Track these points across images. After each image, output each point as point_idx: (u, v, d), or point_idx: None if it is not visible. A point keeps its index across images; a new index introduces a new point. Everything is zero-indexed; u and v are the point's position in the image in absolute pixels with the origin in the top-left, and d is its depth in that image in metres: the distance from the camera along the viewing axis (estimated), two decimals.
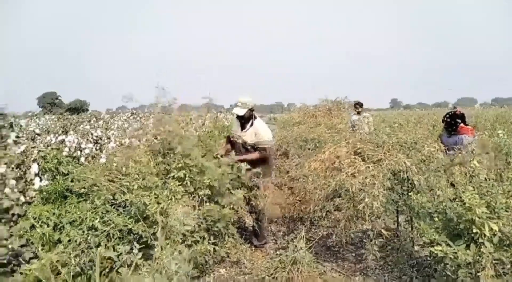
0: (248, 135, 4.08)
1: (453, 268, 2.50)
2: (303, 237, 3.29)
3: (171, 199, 3.02)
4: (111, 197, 3.34)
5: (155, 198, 3.16)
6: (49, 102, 55.49)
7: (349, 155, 3.73)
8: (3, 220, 3.53)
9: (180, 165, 3.35)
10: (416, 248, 3.51)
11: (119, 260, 2.62)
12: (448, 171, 3.25)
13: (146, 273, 2.18)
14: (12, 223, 3.38)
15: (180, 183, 3.25)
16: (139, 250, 2.70)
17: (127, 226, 3.05)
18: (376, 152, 3.57)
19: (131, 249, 2.80)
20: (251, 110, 4.07)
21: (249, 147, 4.05)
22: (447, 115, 4.37)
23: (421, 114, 16.14)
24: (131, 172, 3.32)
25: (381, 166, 3.28)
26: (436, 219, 2.72)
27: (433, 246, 2.60)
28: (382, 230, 3.29)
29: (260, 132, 4.04)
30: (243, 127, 4.14)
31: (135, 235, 3.05)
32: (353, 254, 3.87)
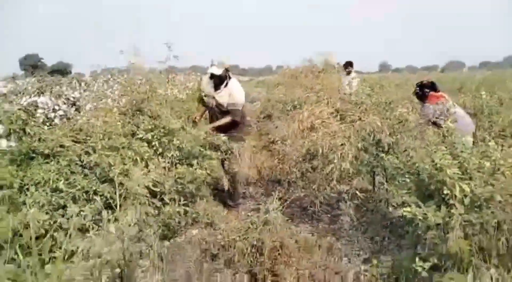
0: (223, 96, 3.96)
1: (423, 229, 2.46)
2: (275, 198, 3.22)
3: (135, 159, 2.90)
4: (77, 158, 3.23)
5: (122, 159, 3.05)
6: (31, 65, 53.90)
7: (327, 115, 3.62)
8: None
9: (149, 127, 3.23)
10: (390, 209, 3.49)
11: (67, 223, 2.51)
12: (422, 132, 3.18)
13: (92, 237, 2.09)
14: None
15: (148, 145, 3.14)
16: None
17: (91, 188, 2.96)
18: (352, 112, 3.47)
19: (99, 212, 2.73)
20: (227, 70, 3.95)
21: (223, 108, 3.93)
22: (417, 86, 4.26)
23: (408, 77, 15.97)
24: (96, 132, 3.19)
25: (354, 126, 3.19)
26: (408, 180, 2.67)
27: (405, 207, 2.56)
28: (357, 191, 3.24)
29: (233, 93, 3.94)
30: (216, 88, 4.00)
31: (101, 197, 2.97)
32: (328, 215, 3.85)
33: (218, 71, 3.88)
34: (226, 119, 3.97)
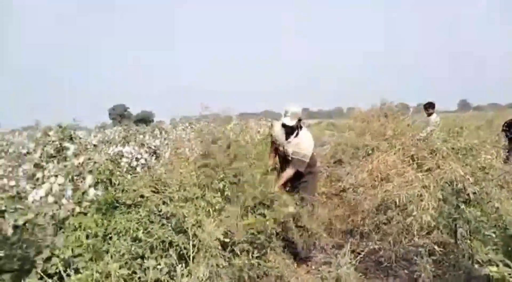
0: (292, 146, 3.98)
1: None
2: (348, 251, 3.11)
3: (208, 210, 2.99)
4: (155, 208, 3.40)
5: (196, 209, 3.17)
6: (119, 114, 58.95)
7: (399, 163, 3.48)
8: (60, 230, 3.75)
9: (221, 176, 3.34)
10: (476, 265, 3.18)
11: (144, 275, 2.62)
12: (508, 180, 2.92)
13: None
14: (67, 234, 3.58)
15: (220, 195, 3.23)
16: (179, 263, 2.71)
17: (168, 238, 3.08)
18: (429, 159, 3.30)
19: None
20: (299, 120, 3.96)
21: (289, 158, 3.95)
22: (505, 124, 3.96)
23: (491, 117, 14.85)
24: (172, 183, 3.36)
25: (432, 175, 3.02)
26: (493, 235, 2.44)
27: (491, 265, 2.33)
28: (435, 246, 3.02)
29: (301, 143, 3.93)
30: (287, 136, 4.03)
31: (176, 247, 3.07)
32: (406, 271, 3.59)
33: (291, 123, 3.89)
34: (289, 172, 3.93)
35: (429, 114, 7.33)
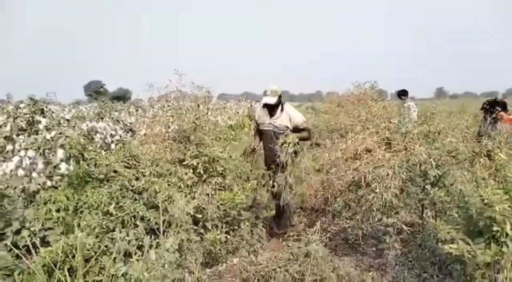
0: (283, 120, 4.03)
1: (472, 267, 2.33)
2: (318, 229, 3.18)
3: (180, 186, 3.00)
4: (127, 183, 3.39)
5: (168, 185, 3.17)
6: (94, 91, 57.63)
7: (370, 144, 3.55)
8: (30, 204, 3.70)
9: (194, 154, 3.34)
10: (440, 244, 3.31)
11: (113, 247, 2.62)
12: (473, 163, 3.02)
13: (135, 262, 2.16)
14: (37, 207, 3.53)
15: (193, 171, 3.24)
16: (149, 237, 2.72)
17: (139, 212, 3.08)
18: (399, 142, 3.38)
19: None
20: (280, 97, 4.06)
21: (281, 132, 3.98)
22: (487, 102, 4.13)
23: (466, 104, 15.23)
24: (146, 159, 3.35)
25: (398, 156, 3.10)
26: (456, 215, 2.54)
27: (453, 243, 2.44)
28: (403, 225, 3.12)
29: (294, 115, 4.05)
30: (272, 114, 4.07)
31: (148, 222, 3.08)
32: (374, 249, 3.72)
33: (272, 101, 3.94)
34: (304, 133, 4.07)
35: (403, 101, 7.49)
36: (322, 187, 4.55)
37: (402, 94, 7.72)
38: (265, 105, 4.03)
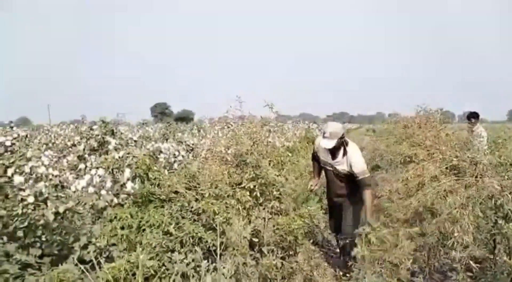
0: (342, 164, 3.73)
1: None
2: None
3: (238, 208, 3.04)
4: (187, 204, 3.49)
5: (226, 207, 3.22)
6: (160, 112, 60.67)
7: (436, 173, 3.37)
8: (98, 220, 3.93)
9: (251, 176, 3.38)
10: None
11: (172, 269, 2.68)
12: None
13: None
14: (104, 223, 3.74)
15: (249, 194, 3.27)
16: (206, 259, 2.76)
17: (197, 233, 3.15)
18: (469, 172, 3.18)
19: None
20: (341, 138, 3.63)
21: (343, 176, 3.75)
22: None
23: None
24: (206, 180, 3.44)
25: (469, 190, 2.91)
26: None
27: None
28: (471, 262, 2.90)
29: (354, 163, 3.62)
30: (333, 156, 3.76)
31: (206, 243, 3.14)
32: None
33: (330, 145, 3.59)
34: (367, 196, 3.65)
35: (472, 125, 7.07)
36: (383, 215, 4.37)
37: (472, 117, 7.23)
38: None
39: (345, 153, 3.67)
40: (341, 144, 3.64)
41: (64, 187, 4.32)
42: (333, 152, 3.70)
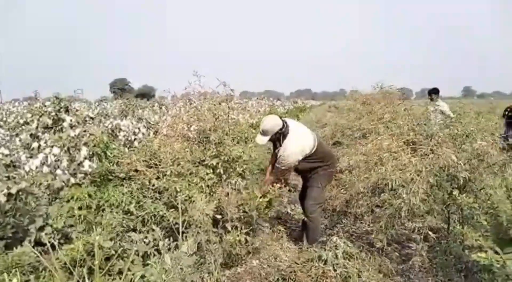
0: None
1: (502, 277, 2.22)
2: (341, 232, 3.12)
3: (201, 186, 2.99)
4: (148, 183, 3.40)
5: (188, 185, 3.17)
6: (119, 88, 58.76)
7: (395, 147, 3.44)
8: (55, 200, 3.76)
9: (214, 153, 3.32)
10: (466, 251, 3.19)
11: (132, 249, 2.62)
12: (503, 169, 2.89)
13: (152, 264, 2.15)
14: (60, 204, 3.59)
15: (213, 171, 3.22)
16: (168, 238, 2.71)
17: (159, 212, 3.09)
18: (424, 145, 3.27)
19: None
20: (276, 133, 3.59)
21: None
22: (508, 109, 3.92)
23: (495, 105, 14.71)
24: (166, 158, 3.35)
25: (424, 159, 3.00)
26: (485, 222, 2.44)
27: (481, 252, 2.34)
28: (429, 231, 3.02)
29: (282, 155, 3.56)
30: (275, 147, 3.76)
31: (168, 222, 3.08)
32: (398, 254, 3.61)
33: (262, 141, 3.60)
34: (269, 171, 3.70)
35: (431, 100, 7.24)
36: (344, 188, 4.47)
37: (434, 92, 7.38)
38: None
39: (281, 144, 3.63)
40: (278, 138, 3.61)
41: (17, 166, 4.09)
42: (275, 144, 3.72)
